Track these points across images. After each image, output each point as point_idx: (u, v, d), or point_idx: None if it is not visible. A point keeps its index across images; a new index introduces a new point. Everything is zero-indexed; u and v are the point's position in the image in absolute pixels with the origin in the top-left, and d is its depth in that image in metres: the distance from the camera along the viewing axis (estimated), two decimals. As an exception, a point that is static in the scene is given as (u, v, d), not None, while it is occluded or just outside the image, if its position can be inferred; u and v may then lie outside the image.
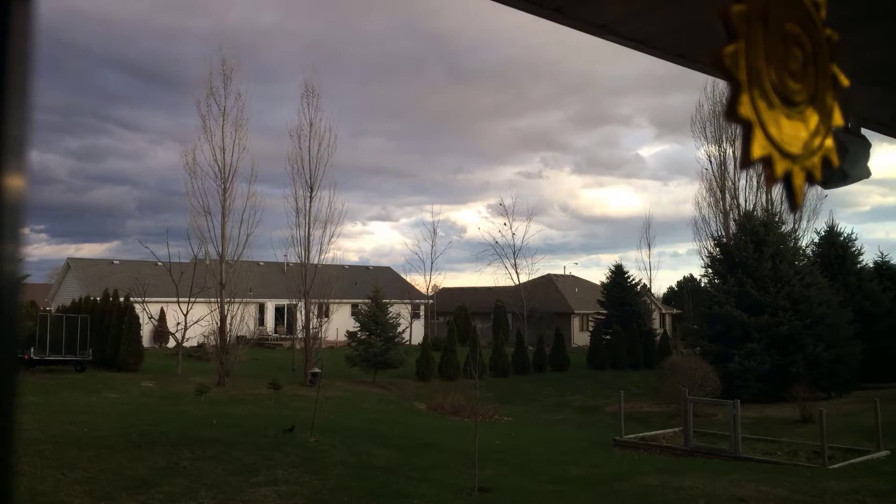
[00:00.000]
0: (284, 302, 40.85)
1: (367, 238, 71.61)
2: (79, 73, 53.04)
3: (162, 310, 33.31)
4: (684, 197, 72.84)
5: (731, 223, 34.93)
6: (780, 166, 1.13)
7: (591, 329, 40.94)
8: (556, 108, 63.32)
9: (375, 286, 31.51)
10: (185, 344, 29.09)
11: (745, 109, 1.08)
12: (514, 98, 59.19)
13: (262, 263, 41.81)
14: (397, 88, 64.62)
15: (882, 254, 31.76)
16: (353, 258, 38.18)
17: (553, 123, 65.00)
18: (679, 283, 57.34)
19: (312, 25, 56.15)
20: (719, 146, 37.10)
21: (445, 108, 60.33)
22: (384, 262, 51.11)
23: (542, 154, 69.56)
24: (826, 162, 1.22)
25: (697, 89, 61.68)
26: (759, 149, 1.09)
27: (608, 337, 36.64)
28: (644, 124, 66.40)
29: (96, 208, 66.41)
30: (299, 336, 32.33)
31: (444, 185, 70.51)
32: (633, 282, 43.76)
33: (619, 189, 71.29)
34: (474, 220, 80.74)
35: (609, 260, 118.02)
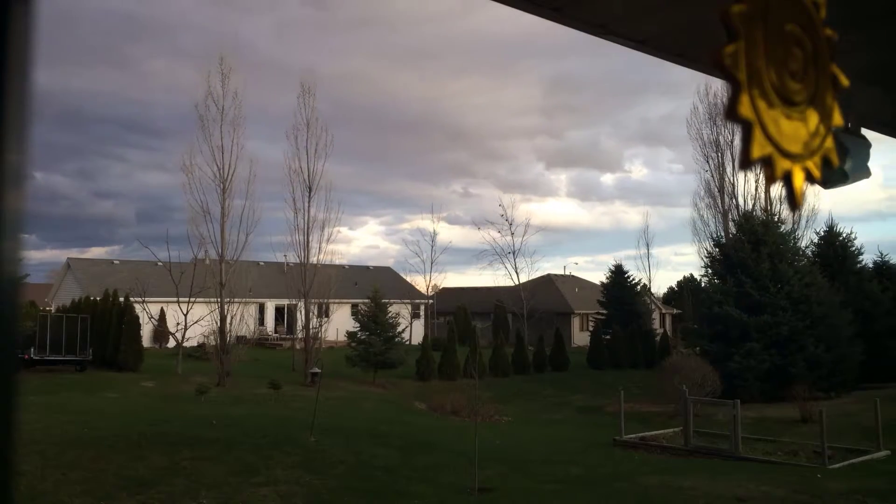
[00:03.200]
0: (284, 302, 40.84)
1: (352, 243, 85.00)
2: (73, 124, 68.31)
3: (162, 310, 33.29)
4: (610, 210, 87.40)
5: (730, 223, 34.95)
6: (780, 166, 1.13)
7: (591, 329, 40.95)
8: (459, 149, 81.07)
9: (375, 286, 31.51)
10: (185, 344, 29.08)
11: (745, 109, 1.08)
12: (423, 142, 77.58)
13: (261, 263, 41.81)
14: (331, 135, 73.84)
15: (882, 254, 31.79)
16: (340, 261, 41.76)
17: (462, 158, 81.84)
18: (679, 283, 57.42)
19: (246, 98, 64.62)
20: (717, 147, 37.18)
21: (375, 148, 75.86)
22: (370, 265, 54.48)
23: (464, 180, 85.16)
24: (826, 162, 1.22)
25: (555, 136, 77.11)
26: (758, 149, 1.10)
27: (608, 337, 36.64)
28: (532, 160, 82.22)
29: (98, 219, 77.51)
30: (299, 336, 32.33)
31: (408, 200, 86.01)
32: (633, 282, 43.80)
33: (548, 204, 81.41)
34: (432, 228, 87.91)
35: (576, 263, 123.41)
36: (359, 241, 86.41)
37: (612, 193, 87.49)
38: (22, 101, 0.74)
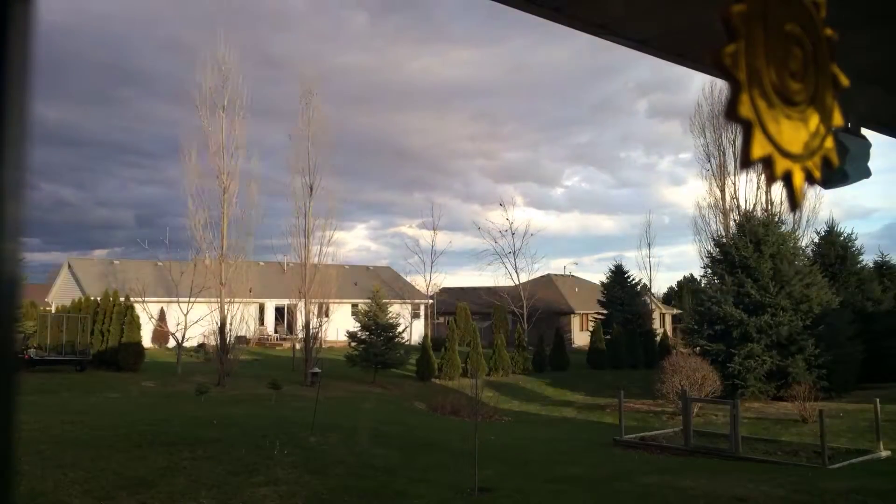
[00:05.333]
0: (284, 302, 40.85)
1: (344, 246, 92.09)
2: (71, 145, 73.20)
3: (162, 310, 33.28)
4: (576, 218, 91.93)
5: (731, 223, 34.98)
6: (780, 166, 1.13)
7: (591, 329, 40.94)
8: (415, 167, 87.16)
9: (376, 286, 31.51)
10: (185, 344, 29.08)
11: (745, 109, 1.08)
12: (382, 161, 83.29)
13: (262, 263, 41.80)
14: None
15: (882, 254, 31.80)
16: (335, 262, 43.36)
17: (422, 174, 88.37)
18: (679, 283, 57.41)
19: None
20: (719, 146, 37.24)
21: (341, 164, 78.09)
22: (370, 265, 56.71)
23: (426, 192, 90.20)
24: (826, 162, 1.22)
25: (491, 158, 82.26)
26: (759, 149, 1.10)
27: (608, 337, 36.63)
28: (480, 176, 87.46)
29: (99, 224, 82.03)
30: (299, 336, 32.33)
31: (392, 207, 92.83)
32: (634, 282, 43.79)
33: (511, 213, 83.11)
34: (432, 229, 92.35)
35: (559, 265, 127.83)
36: (349, 244, 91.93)
37: (568, 204, 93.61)
38: (22, 105, 0.74)
